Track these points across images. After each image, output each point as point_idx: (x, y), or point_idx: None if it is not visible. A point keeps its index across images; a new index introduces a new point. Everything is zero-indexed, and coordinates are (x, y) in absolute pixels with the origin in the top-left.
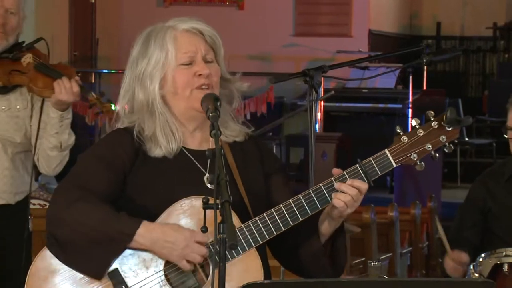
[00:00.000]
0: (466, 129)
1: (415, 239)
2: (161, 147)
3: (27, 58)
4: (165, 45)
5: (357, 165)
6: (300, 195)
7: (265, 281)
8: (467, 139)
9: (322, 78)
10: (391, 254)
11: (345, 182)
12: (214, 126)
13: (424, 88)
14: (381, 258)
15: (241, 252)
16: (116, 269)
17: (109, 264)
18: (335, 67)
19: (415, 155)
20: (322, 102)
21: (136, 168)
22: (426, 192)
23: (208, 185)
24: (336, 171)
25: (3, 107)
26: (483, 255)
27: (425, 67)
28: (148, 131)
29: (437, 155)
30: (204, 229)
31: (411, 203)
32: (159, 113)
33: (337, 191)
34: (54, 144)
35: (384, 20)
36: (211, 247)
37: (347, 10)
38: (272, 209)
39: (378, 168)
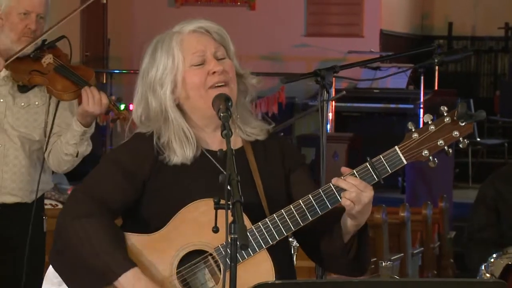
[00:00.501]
0: (478, 129)
1: (427, 239)
2: (177, 154)
3: (48, 59)
4: (171, 50)
5: (367, 163)
6: (310, 195)
7: (276, 281)
8: (478, 139)
9: (334, 78)
10: (402, 254)
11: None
12: (225, 126)
13: (436, 88)
14: (392, 258)
15: (251, 254)
16: None
17: None
18: (346, 67)
19: (426, 151)
20: (333, 102)
21: (155, 174)
22: (437, 193)
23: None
24: (345, 169)
25: (23, 104)
26: (494, 255)
27: (437, 67)
28: (164, 138)
29: (450, 150)
30: (216, 229)
31: (423, 203)
32: (172, 120)
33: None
34: (70, 152)
35: (396, 20)
36: (221, 248)
37: (358, 10)
38: (282, 210)
39: (388, 166)
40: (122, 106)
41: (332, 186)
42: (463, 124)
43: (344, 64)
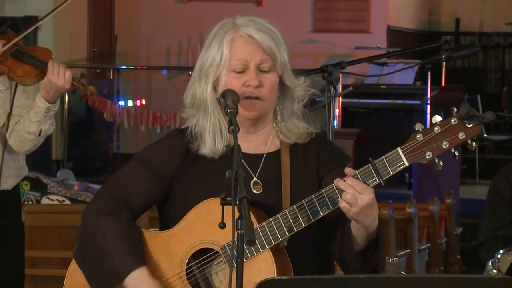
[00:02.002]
0: (485, 125)
1: (433, 235)
2: (206, 146)
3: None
4: (221, 46)
5: (369, 164)
6: (313, 196)
7: (283, 277)
8: (485, 135)
9: (341, 74)
10: (409, 250)
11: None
12: (232, 122)
13: (443, 84)
14: (399, 254)
15: (255, 253)
16: None
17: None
18: (353, 63)
19: (429, 153)
20: (340, 98)
21: (184, 169)
22: (444, 189)
23: (253, 190)
24: (349, 170)
25: None
26: (501, 251)
27: (444, 63)
28: (199, 128)
29: (457, 153)
30: (222, 225)
31: (430, 199)
32: (210, 112)
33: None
34: (33, 130)
35: (403, 16)
36: (226, 247)
37: (365, 6)
38: (286, 210)
39: (389, 167)
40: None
41: (334, 187)
42: (470, 125)
43: (351, 60)
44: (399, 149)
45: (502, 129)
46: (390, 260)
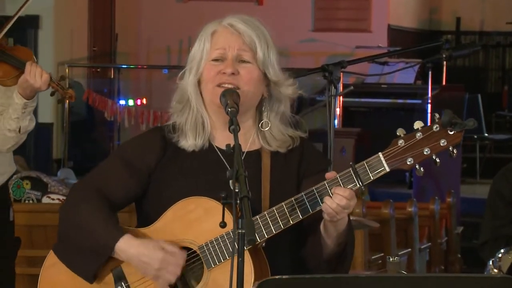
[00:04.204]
0: (486, 124)
1: (434, 234)
2: (187, 139)
3: None
4: (204, 37)
5: (350, 168)
6: (292, 198)
7: (284, 277)
8: (486, 134)
9: (341, 73)
10: (409, 249)
11: (331, 192)
12: (233, 121)
13: (444, 83)
14: (399, 253)
15: (227, 257)
16: (119, 266)
17: (95, 270)
18: (354, 62)
19: (410, 159)
20: (341, 97)
21: (163, 163)
22: (445, 188)
23: (230, 184)
24: (329, 175)
25: None
26: (502, 250)
27: (445, 62)
28: (181, 120)
29: (438, 160)
30: (223, 224)
31: (430, 198)
32: (193, 106)
33: (329, 195)
34: (13, 127)
35: (404, 15)
36: (204, 247)
37: (366, 5)
38: (265, 212)
39: (370, 172)
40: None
41: (314, 190)
42: (452, 132)
43: (351, 59)
44: (380, 154)
45: (503, 128)
46: (390, 259)
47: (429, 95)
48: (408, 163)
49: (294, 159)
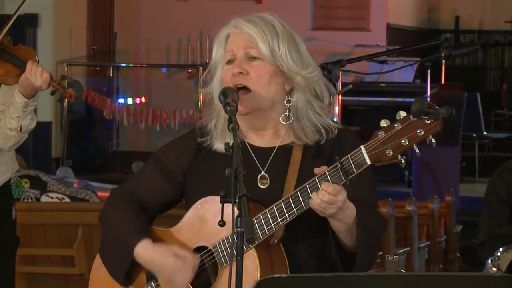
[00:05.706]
0: (485, 123)
1: (433, 233)
2: (218, 142)
3: None
4: (220, 41)
5: (337, 162)
6: (289, 195)
7: (283, 275)
8: (485, 133)
9: (340, 72)
10: (408, 248)
11: (320, 187)
12: (232, 120)
13: (443, 82)
14: (398, 252)
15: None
16: None
17: (123, 274)
18: (353, 61)
19: (389, 151)
20: (340, 96)
21: (196, 165)
22: (444, 186)
23: (259, 184)
24: (317, 170)
25: None
26: (501, 249)
27: (444, 61)
28: (212, 123)
29: (417, 151)
30: (222, 223)
31: (429, 197)
32: (219, 110)
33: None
34: (14, 126)
35: (403, 14)
36: (217, 245)
37: (365, 4)
38: (266, 209)
39: (354, 166)
40: (74, 92)
41: (307, 186)
42: (429, 121)
43: (350, 58)
44: (362, 147)
45: (502, 127)
46: (389, 258)
47: (428, 93)
48: (388, 154)
49: (327, 149)
